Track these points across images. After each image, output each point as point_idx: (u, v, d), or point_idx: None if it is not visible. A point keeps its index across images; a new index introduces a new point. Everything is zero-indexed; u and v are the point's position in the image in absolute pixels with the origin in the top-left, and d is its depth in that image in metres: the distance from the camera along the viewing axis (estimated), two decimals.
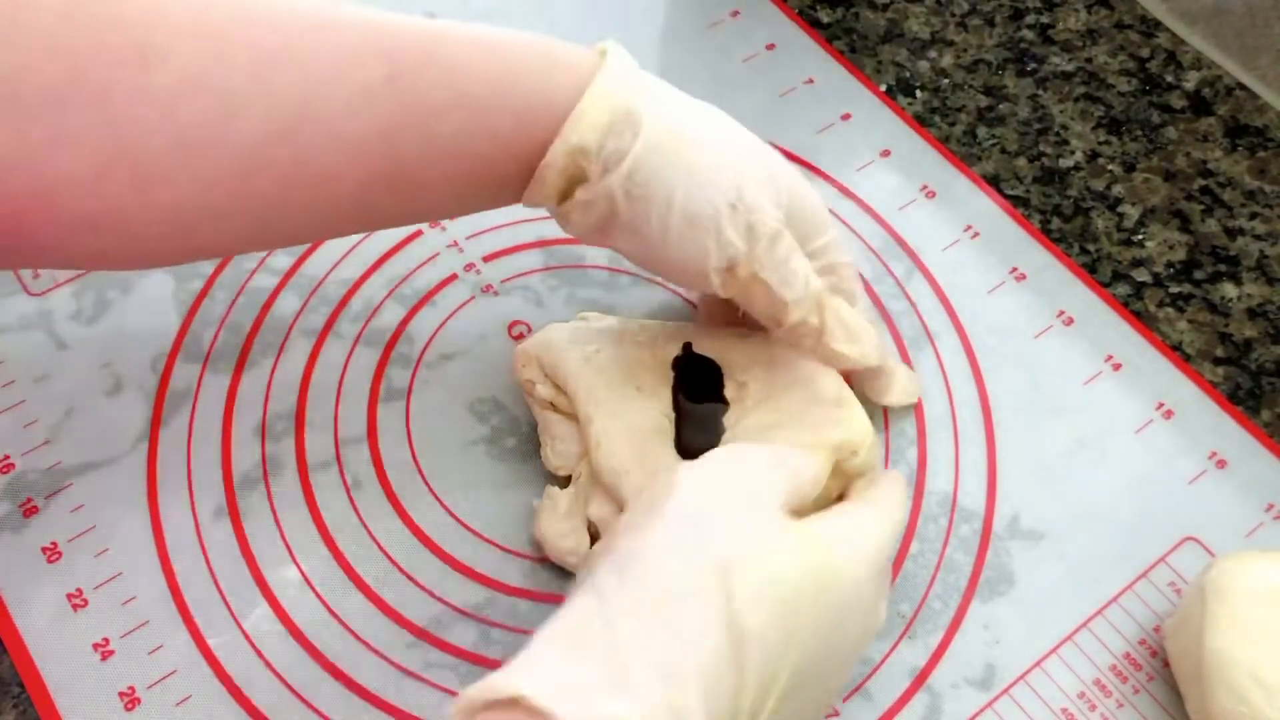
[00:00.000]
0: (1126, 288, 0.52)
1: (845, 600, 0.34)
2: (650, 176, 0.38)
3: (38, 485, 0.44)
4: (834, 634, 0.34)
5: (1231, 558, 0.42)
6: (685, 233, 0.38)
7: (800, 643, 0.32)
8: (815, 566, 0.33)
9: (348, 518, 0.44)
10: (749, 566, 0.32)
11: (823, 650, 0.33)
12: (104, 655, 0.41)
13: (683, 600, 0.31)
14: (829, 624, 0.33)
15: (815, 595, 0.33)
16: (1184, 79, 0.59)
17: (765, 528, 0.34)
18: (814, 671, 0.33)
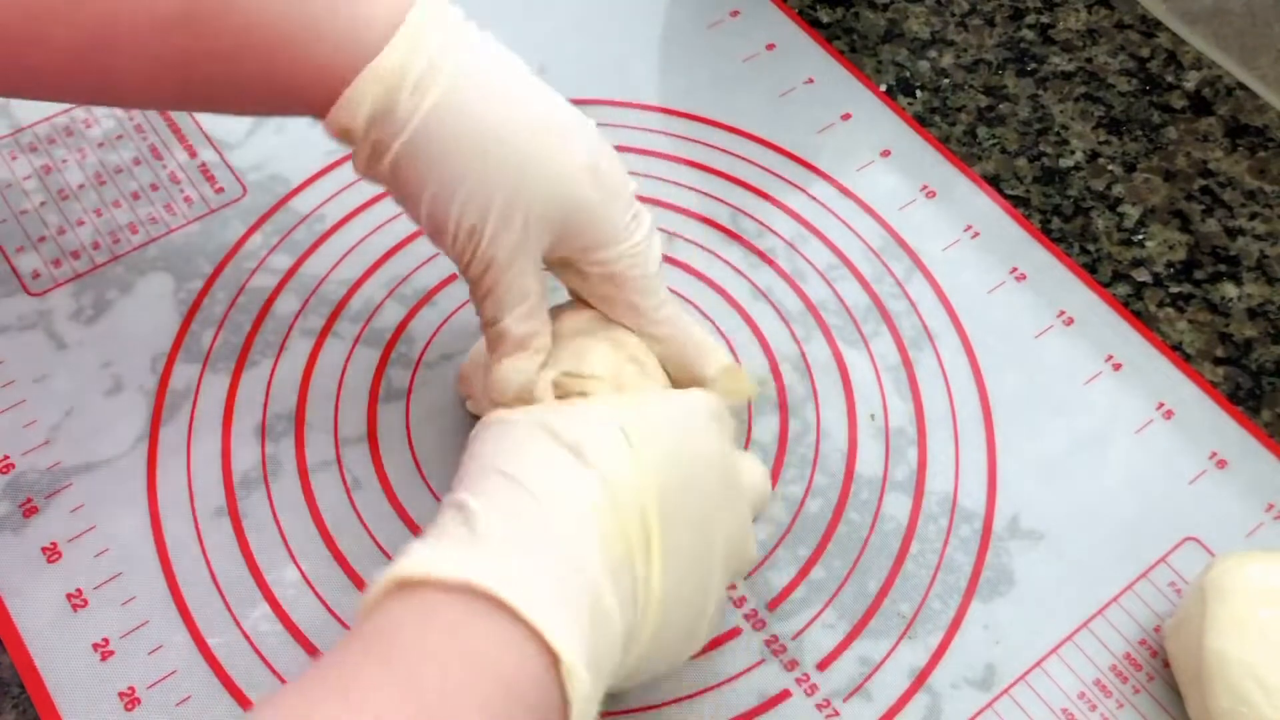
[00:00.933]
0: (1126, 288, 0.53)
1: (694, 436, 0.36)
2: (414, 166, 0.37)
3: (38, 485, 0.44)
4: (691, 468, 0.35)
5: (1231, 558, 0.42)
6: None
7: (658, 472, 0.34)
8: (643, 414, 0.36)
9: (348, 518, 0.44)
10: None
11: (683, 480, 0.35)
12: (104, 655, 0.41)
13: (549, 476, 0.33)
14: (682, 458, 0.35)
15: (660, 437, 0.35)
16: (1184, 79, 0.59)
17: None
18: (685, 510, 0.34)
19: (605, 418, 0.35)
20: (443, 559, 0.31)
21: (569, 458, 0.34)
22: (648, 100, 0.56)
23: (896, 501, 0.46)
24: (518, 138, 0.37)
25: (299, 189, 0.52)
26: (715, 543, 0.36)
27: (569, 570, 0.31)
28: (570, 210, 0.39)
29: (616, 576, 0.32)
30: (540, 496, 0.32)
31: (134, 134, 0.53)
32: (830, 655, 0.43)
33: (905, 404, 0.48)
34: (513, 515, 0.32)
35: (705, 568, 0.36)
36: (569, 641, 0.29)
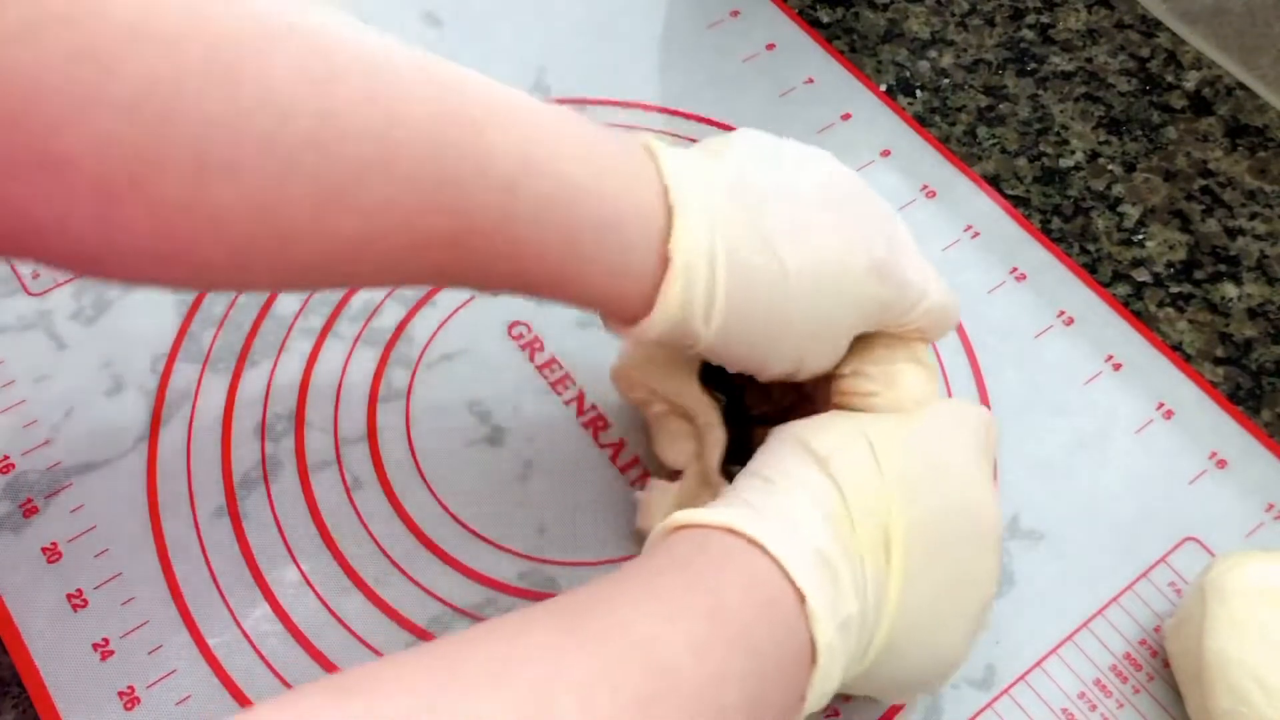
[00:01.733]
0: (1126, 288, 0.52)
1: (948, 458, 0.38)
2: (718, 353, 0.38)
3: (38, 485, 0.44)
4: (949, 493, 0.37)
5: (1231, 558, 0.42)
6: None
7: (915, 494, 0.36)
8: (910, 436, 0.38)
9: (348, 518, 0.44)
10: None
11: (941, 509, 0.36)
12: (104, 655, 0.41)
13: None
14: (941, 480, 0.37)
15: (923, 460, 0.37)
16: (1184, 79, 0.59)
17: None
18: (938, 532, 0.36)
19: (855, 432, 0.37)
20: (712, 513, 0.34)
21: (816, 469, 0.36)
22: (648, 100, 0.56)
23: None
24: (803, 296, 0.37)
25: None
26: (969, 574, 0.37)
27: (809, 540, 0.34)
28: (870, 313, 0.39)
29: (852, 572, 0.34)
30: (790, 494, 0.35)
31: None
32: None
33: None
34: (765, 499, 0.35)
35: (955, 595, 0.36)
36: (815, 590, 0.33)
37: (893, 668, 0.36)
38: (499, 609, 0.43)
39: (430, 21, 0.58)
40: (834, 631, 0.33)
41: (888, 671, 0.36)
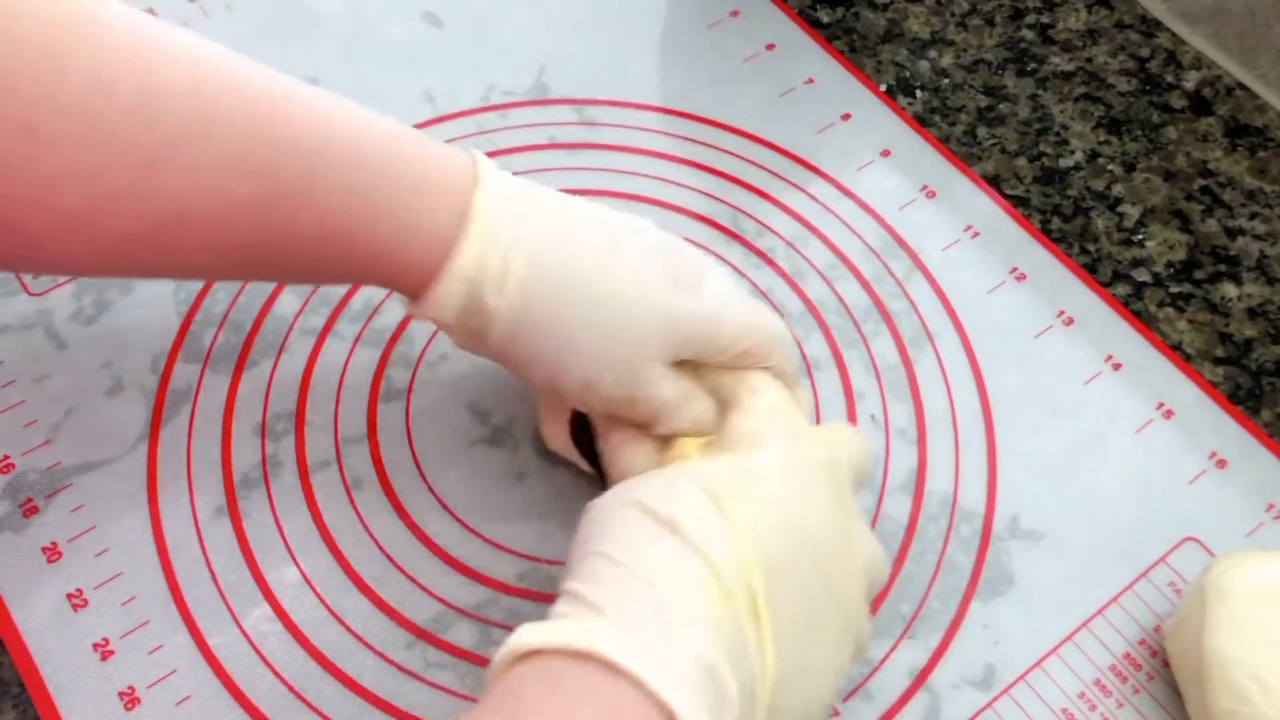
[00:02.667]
0: (1126, 288, 0.53)
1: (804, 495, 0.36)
2: (515, 347, 0.39)
3: (38, 485, 0.44)
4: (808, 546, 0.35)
5: (1231, 558, 0.42)
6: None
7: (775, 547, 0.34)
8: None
9: (348, 518, 0.44)
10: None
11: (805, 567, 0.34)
12: (104, 655, 0.41)
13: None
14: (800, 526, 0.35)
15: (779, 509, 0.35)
16: (1184, 79, 0.59)
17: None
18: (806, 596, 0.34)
19: (694, 489, 0.35)
20: (563, 630, 0.31)
21: (668, 536, 0.33)
22: (648, 100, 0.57)
23: (896, 501, 0.46)
24: (606, 296, 0.38)
25: None
26: (831, 611, 0.35)
27: (683, 645, 0.31)
28: (670, 338, 0.39)
29: (730, 653, 0.32)
30: (647, 578, 0.32)
31: None
32: None
33: (905, 404, 0.48)
34: (623, 594, 0.32)
35: (822, 638, 0.35)
36: (693, 713, 0.29)
37: (781, 712, 0.34)
38: (499, 609, 0.43)
39: (430, 21, 0.58)
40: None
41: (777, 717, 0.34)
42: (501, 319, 0.38)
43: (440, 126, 0.55)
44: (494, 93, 0.56)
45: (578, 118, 0.56)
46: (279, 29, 0.57)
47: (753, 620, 0.33)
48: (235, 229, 0.37)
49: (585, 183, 0.53)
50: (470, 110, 0.55)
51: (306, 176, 0.37)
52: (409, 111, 0.55)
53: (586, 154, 0.54)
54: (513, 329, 0.38)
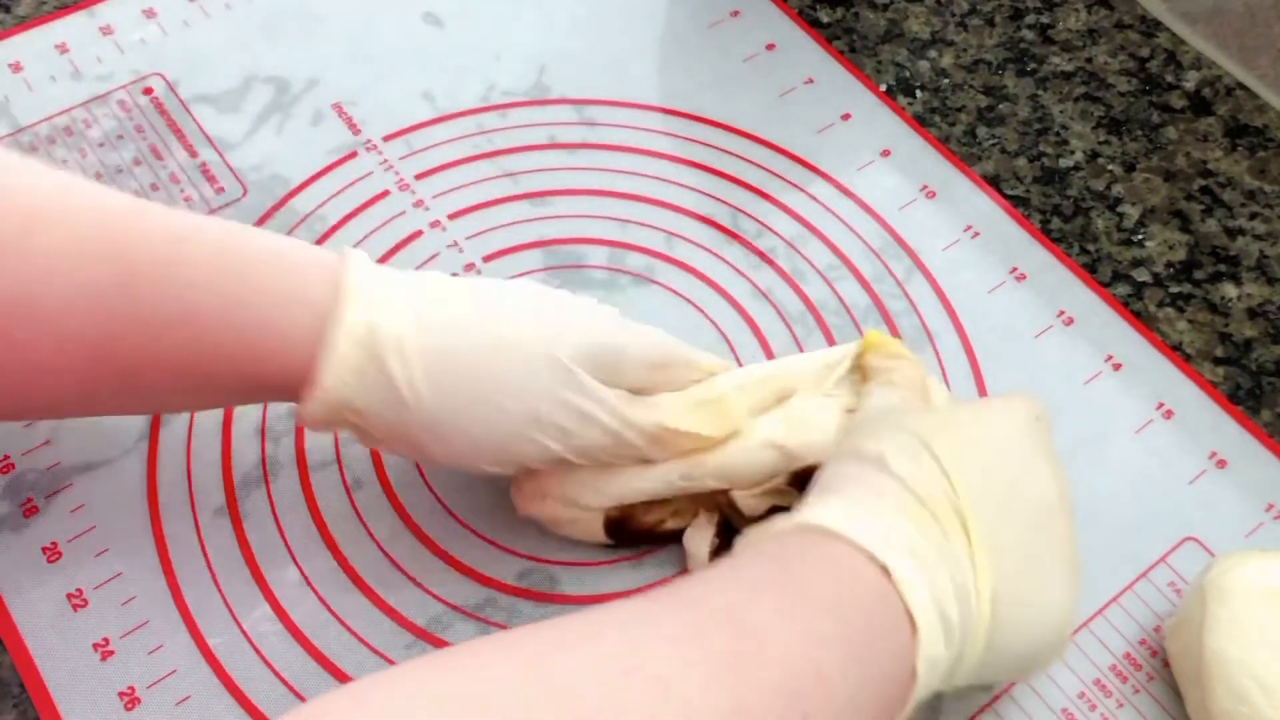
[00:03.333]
0: (1126, 288, 0.52)
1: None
2: (438, 412, 0.37)
3: (38, 485, 0.44)
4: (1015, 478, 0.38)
5: (1231, 558, 0.42)
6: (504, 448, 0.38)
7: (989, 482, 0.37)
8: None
9: (348, 518, 0.44)
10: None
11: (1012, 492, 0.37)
12: (104, 655, 0.41)
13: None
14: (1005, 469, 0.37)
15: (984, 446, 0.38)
16: (1184, 79, 0.59)
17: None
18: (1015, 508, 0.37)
19: (901, 429, 0.37)
20: (779, 522, 0.35)
21: (874, 470, 0.36)
22: (648, 100, 0.56)
23: None
24: (493, 372, 0.37)
25: (299, 189, 0.52)
26: (1049, 549, 0.37)
27: (888, 529, 0.34)
28: (596, 355, 0.39)
29: (941, 553, 0.34)
30: (855, 495, 0.35)
31: (134, 134, 0.53)
32: None
33: None
34: (835, 503, 0.35)
35: (1040, 572, 0.37)
36: (899, 563, 0.33)
37: (1009, 643, 0.36)
38: (499, 609, 0.43)
39: (430, 21, 0.58)
40: (927, 595, 0.33)
41: (1005, 648, 0.36)
42: (414, 382, 0.36)
43: (440, 126, 0.55)
44: (494, 93, 0.56)
45: (578, 118, 0.56)
46: (279, 29, 0.57)
47: (962, 534, 0.35)
48: (96, 314, 0.35)
49: (585, 183, 0.53)
50: (470, 110, 0.55)
51: (168, 262, 0.35)
52: (409, 111, 0.55)
53: (586, 154, 0.54)
54: (428, 391, 0.36)
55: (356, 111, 0.55)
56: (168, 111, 0.54)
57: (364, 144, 0.54)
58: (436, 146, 0.54)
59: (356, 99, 0.55)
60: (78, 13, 0.57)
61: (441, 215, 0.52)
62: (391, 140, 0.54)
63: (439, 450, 0.38)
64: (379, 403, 0.37)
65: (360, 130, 0.54)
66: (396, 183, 0.53)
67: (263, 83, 0.55)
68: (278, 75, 0.56)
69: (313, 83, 0.56)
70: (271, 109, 0.55)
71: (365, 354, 0.36)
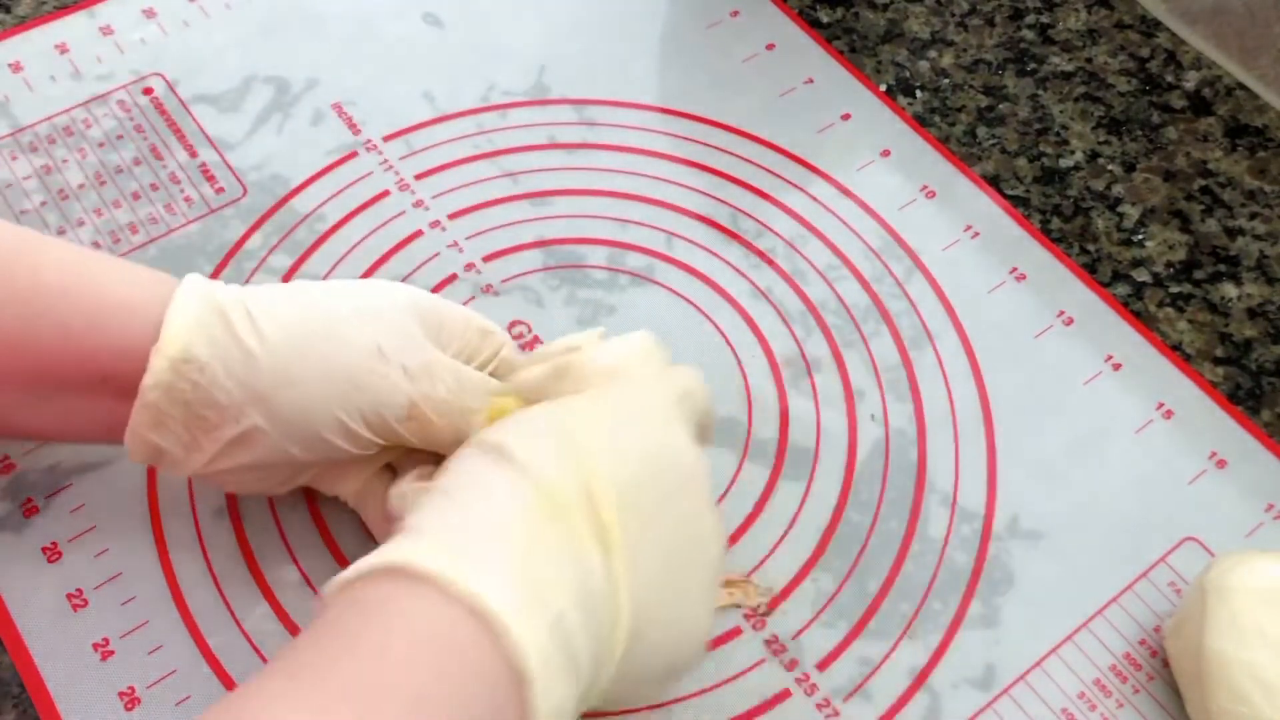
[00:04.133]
0: (1126, 288, 0.53)
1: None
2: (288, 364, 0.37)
3: (38, 485, 0.44)
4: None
5: (1231, 558, 0.42)
6: (347, 399, 0.37)
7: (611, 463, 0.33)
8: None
9: (348, 518, 0.44)
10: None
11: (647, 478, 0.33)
12: (104, 655, 0.41)
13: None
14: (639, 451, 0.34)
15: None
16: (1184, 79, 0.59)
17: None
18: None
19: (535, 415, 0.35)
20: (368, 558, 0.31)
21: (497, 463, 0.33)
22: (648, 100, 0.57)
23: (897, 501, 0.46)
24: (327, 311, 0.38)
25: (299, 189, 0.52)
26: (687, 536, 0.34)
27: (495, 556, 0.30)
28: (425, 313, 0.39)
29: (561, 567, 0.31)
30: (469, 503, 0.32)
31: (134, 134, 0.53)
32: (830, 655, 0.43)
33: (905, 404, 0.48)
34: (443, 516, 0.32)
35: (687, 566, 0.34)
36: (501, 601, 0.29)
37: (644, 656, 0.33)
38: None
39: (430, 21, 0.58)
40: (541, 640, 0.29)
41: (640, 662, 0.33)
42: (258, 326, 0.37)
43: (440, 126, 0.55)
44: (494, 93, 0.56)
45: (578, 118, 0.56)
46: (279, 29, 0.57)
47: (598, 542, 0.31)
48: None
49: (585, 183, 0.53)
50: (470, 110, 0.55)
51: (26, 250, 0.37)
52: (409, 111, 0.55)
53: (586, 154, 0.54)
54: (271, 330, 0.37)
55: (356, 111, 0.55)
56: (168, 111, 0.54)
57: (364, 144, 0.54)
58: (436, 146, 0.54)
59: (356, 99, 0.55)
60: (78, 13, 0.57)
61: (441, 215, 0.52)
62: (391, 140, 0.54)
63: (287, 403, 0.37)
64: (224, 353, 0.36)
65: (360, 130, 0.54)
66: (396, 183, 0.53)
67: (263, 83, 0.55)
68: (278, 75, 0.56)
69: (313, 83, 0.56)
70: (271, 109, 0.55)
71: (207, 305, 0.37)
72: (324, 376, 0.37)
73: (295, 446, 0.38)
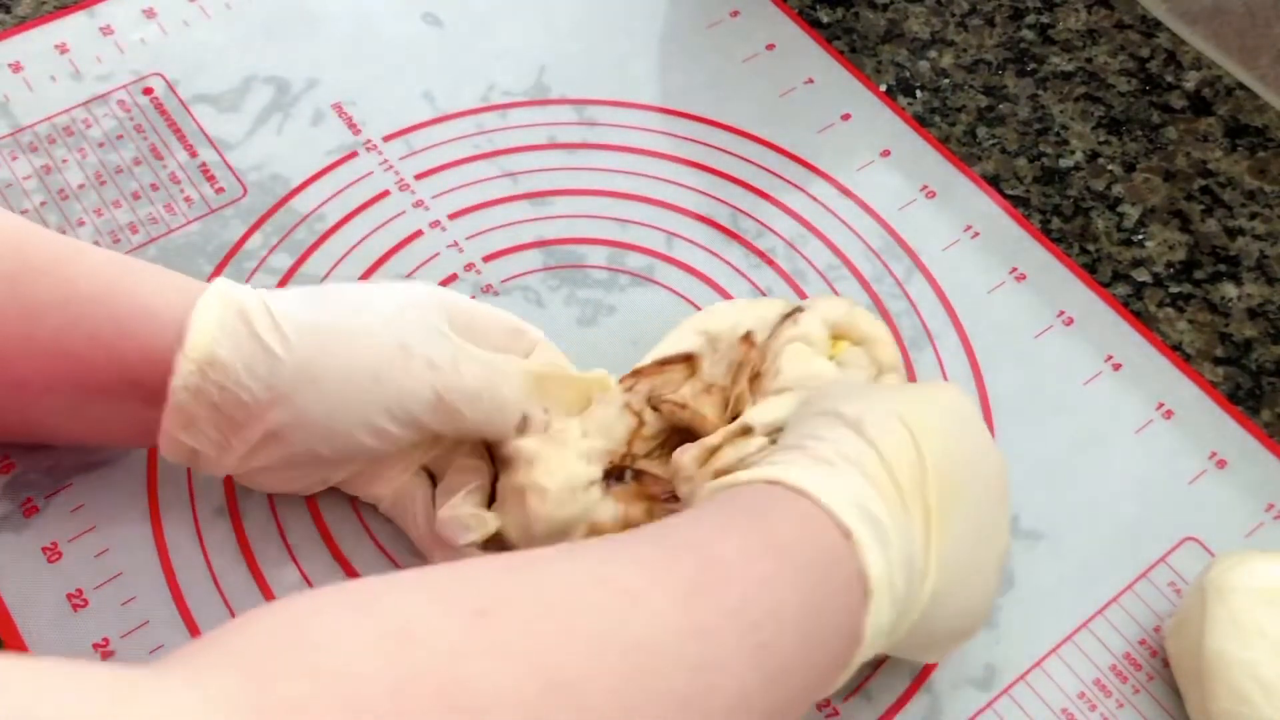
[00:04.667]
0: (1126, 288, 0.53)
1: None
2: (312, 361, 0.38)
3: (38, 485, 0.44)
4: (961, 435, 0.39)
5: (1231, 557, 0.42)
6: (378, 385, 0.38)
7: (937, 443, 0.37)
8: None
9: (348, 518, 0.44)
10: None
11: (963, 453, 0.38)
12: (104, 655, 0.41)
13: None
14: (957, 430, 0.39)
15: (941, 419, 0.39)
16: (1184, 79, 0.59)
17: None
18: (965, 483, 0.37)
19: (880, 396, 0.39)
20: (747, 473, 0.36)
21: (849, 431, 0.37)
22: (648, 100, 0.57)
23: None
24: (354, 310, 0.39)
25: (299, 189, 0.52)
26: (986, 526, 0.38)
27: (853, 495, 0.35)
28: (454, 315, 0.41)
29: (898, 524, 0.35)
30: (826, 456, 0.36)
31: (134, 134, 0.53)
32: None
33: None
34: (804, 461, 0.36)
35: (979, 547, 0.38)
36: (859, 527, 0.34)
37: (936, 620, 0.37)
38: None
39: (430, 21, 0.58)
40: (883, 564, 0.34)
41: (931, 624, 0.37)
42: (281, 329, 0.38)
43: (440, 126, 0.55)
44: (494, 93, 0.56)
45: (578, 118, 0.56)
46: (279, 29, 0.57)
47: (921, 507, 0.36)
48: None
49: (585, 183, 0.53)
50: (470, 110, 0.55)
51: (61, 259, 0.38)
52: (409, 111, 0.55)
53: (586, 154, 0.54)
54: (294, 331, 0.38)
55: (356, 111, 0.55)
56: (168, 111, 0.54)
57: (364, 144, 0.54)
58: (436, 146, 0.54)
59: (356, 99, 0.55)
60: (78, 13, 0.57)
61: (442, 215, 0.52)
62: (391, 140, 0.54)
63: (311, 401, 0.38)
64: (247, 355, 0.37)
65: (360, 130, 0.54)
66: (396, 183, 0.53)
67: (263, 83, 0.55)
68: (278, 75, 0.56)
69: (313, 83, 0.56)
70: (271, 109, 0.55)
71: (230, 308, 0.38)
72: (346, 373, 0.38)
73: (323, 445, 0.39)
